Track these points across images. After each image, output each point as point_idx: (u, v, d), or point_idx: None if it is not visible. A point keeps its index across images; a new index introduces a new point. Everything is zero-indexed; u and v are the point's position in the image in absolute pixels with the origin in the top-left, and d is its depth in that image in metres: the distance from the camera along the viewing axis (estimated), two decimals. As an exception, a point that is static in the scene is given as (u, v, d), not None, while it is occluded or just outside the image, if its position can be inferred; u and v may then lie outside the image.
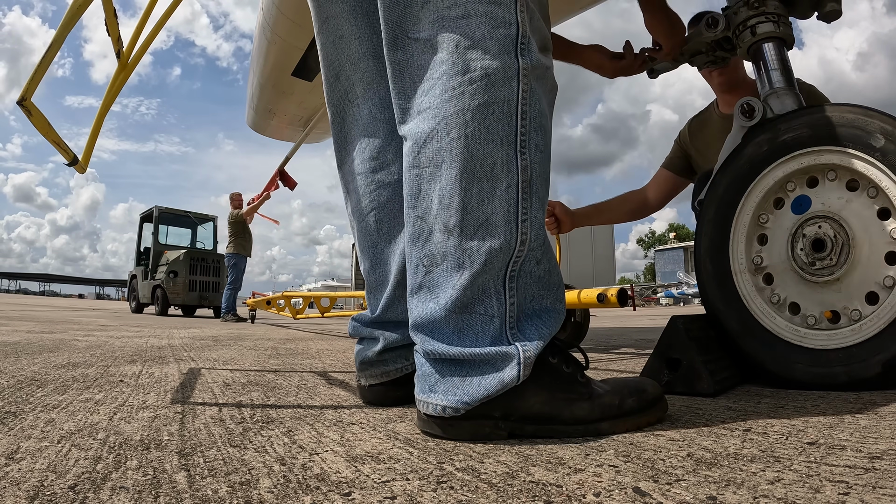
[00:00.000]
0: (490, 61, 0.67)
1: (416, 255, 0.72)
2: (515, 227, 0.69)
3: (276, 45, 2.79)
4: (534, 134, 0.70)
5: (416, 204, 0.72)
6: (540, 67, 0.71)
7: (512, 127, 0.68)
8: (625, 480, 0.52)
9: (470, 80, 0.67)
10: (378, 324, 0.95)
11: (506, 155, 0.68)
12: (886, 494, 0.46)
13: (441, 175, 0.69)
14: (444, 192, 0.68)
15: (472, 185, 0.68)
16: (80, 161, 1.14)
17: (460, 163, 0.68)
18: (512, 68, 0.68)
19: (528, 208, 0.70)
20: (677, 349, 1.05)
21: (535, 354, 0.68)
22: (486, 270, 0.68)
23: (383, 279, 0.94)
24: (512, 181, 0.68)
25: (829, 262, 1.06)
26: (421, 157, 0.70)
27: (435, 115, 0.69)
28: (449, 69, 0.68)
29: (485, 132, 0.67)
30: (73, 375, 1.26)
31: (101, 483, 0.52)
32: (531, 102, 0.70)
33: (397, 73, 0.74)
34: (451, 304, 0.69)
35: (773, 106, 1.18)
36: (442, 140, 0.68)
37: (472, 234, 0.68)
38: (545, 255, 0.73)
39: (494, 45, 0.67)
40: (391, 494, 0.49)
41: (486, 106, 0.67)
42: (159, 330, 3.62)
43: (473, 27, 0.68)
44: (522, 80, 0.68)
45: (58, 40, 0.99)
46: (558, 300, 0.75)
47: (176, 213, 9.56)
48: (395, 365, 0.94)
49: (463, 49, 0.67)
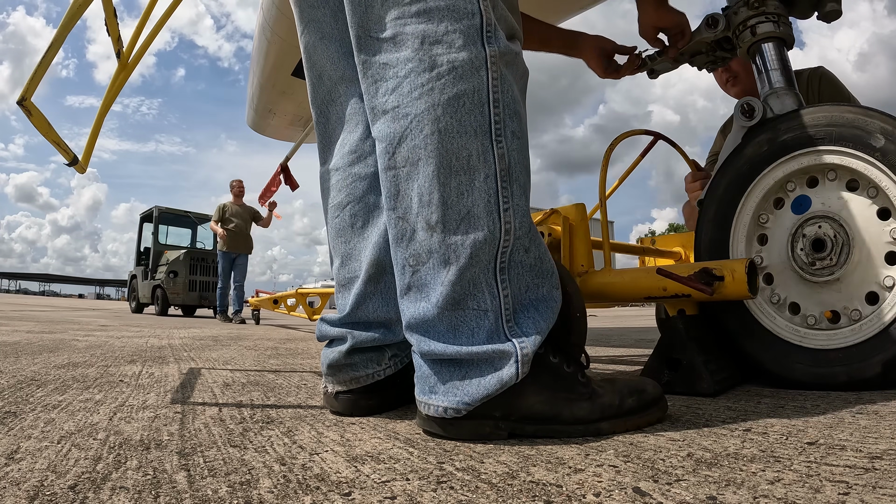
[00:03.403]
0: (456, 54, 0.66)
1: (402, 255, 0.72)
2: (498, 217, 0.68)
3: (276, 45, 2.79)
4: (508, 121, 0.69)
5: (395, 205, 0.71)
6: (509, 53, 0.70)
7: (485, 116, 0.67)
8: (625, 480, 0.52)
9: (438, 76, 0.66)
10: (347, 323, 0.87)
11: (481, 145, 0.67)
12: (886, 494, 0.46)
13: (418, 173, 0.68)
14: (423, 189, 0.68)
15: (449, 180, 0.67)
16: (80, 161, 1.14)
17: (436, 158, 0.67)
18: (479, 58, 0.67)
19: (509, 197, 0.69)
20: (677, 349, 1.05)
21: (533, 351, 0.68)
22: (474, 264, 0.68)
23: (354, 275, 0.88)
24: (490, 171, 0.68)
25: (829, 262, 1.06)
26: (396, 158, 0.69)
27: (405, 113, 0.68)
28: (415, 66, 0.67)
29: (458, 125, 0.66)
30: (73, 375, 1.26)
31: (101, 483, 0.52)
32: (503, 89, 0.68)
33: (364, 74, 0.73)
34: (442, 302, 0.68)
35: (773, 106, 1.18)
36: (416, 138, 0.67)
37: (455, 229, 0.67)
38: (533, 242, 0.72)
39: (459, 37, 0.66)
40: (391, 494, 0.49)
41: (457, 98, 0.66)
42: (159, 330, 3.62)
43: (436, 21, 0.67)
44: (491, 69, 0.67)
45: (58, 40, 0.99)
46: (553, 287, 0.74)
47: (176, 213, 9.56)
48: (366, 370, 0.85)
49: (428, 45, 0.67)
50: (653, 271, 1.08)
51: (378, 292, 0.86)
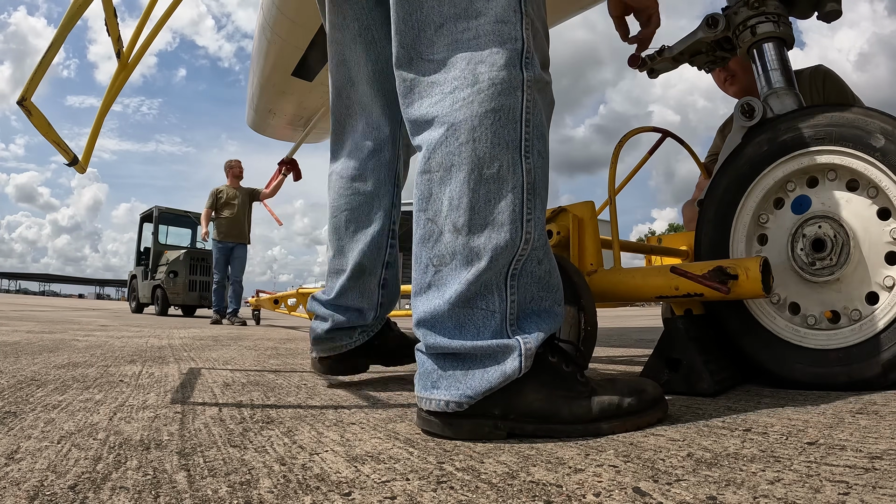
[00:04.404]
0: (497, 72, 0.71)
1: (426, 255, 0.75)
2: (521, 226, 0.71)
3: (276, 46, 2.79)
4: (536, 141, 0.74)
5: (426, 207, 0.75)
6: (541, 81, 0.75)
7: (517, 133, 0.72)
8: (625, 480, 0.52)
9: (479, 90, 0.71)
10: (331, 306, 1.14)
11: (512, 158, 0.71)
12: (886, 494, 0.46)
13: (451, 178, 0.72)
14: (454, 194, 0.72)
15: (479, 187, 0.71)
16: (80, 161, 1.14)
17: (468, 165, 0.71)
18: (517, 79, 0.72)
19: (532, 209, 0.73)
20: (677, 349, 1.05)
21: (536, 346, 0.70)
22: (492, 267, 0.71)
23: (341, 268, 1.13)
24: (517, 183, 0.72)
25: (829, 262, 1.06)
26: (431, 163, 0.73)
27: (445, 122, 0.72)
28: (460, 83, 0.72)
29: (492, 136, 0.71)
30: (73, 375, 1.26)
31: (101, 483, 0.52)
32: (534, 112, 0.74)
33: (410, 89, 0.78)
34: (454, 298, 0.71)
35: (773, 106, 1.19)
36: (451, 145, 0.72)
37: (480, 232, 0.71)
38: (546, 255, 0.76)
39: (501, 58, 0.72)
40: (391, 494, 0.49)
41: (494, 112, 0.71)
42: (159, 330, 3.62)
43: (483, 45, 0.72)
44: (527, 91, 0.73)
45: (58, 40, 0.99)
46: (556, 303, 0.77)
47: (176, 212, 9.55)
48: (341, 342, 1.15)
49: (474, 64, 0.72)
50: (665, 270, 1.08)
51: (357, 287, 1.13)
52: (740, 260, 0.99)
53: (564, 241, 1.32)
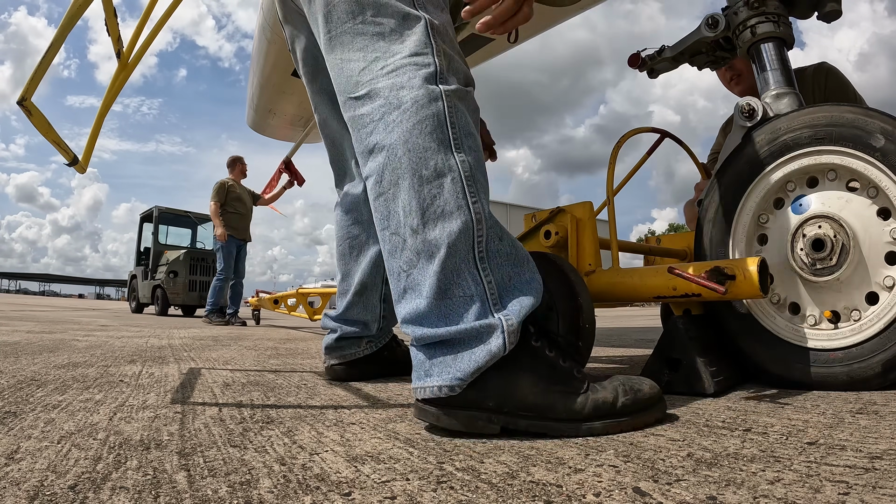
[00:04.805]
0: (416, 91, 0.79)
1: (397, 265, 0.79)
2: (468, 209, 0.76)
3: (276, 46, 2.79)
4: (464, 138, 0.79)
5: (388, 224, 0.80)
6: (460, 91, 0.82)
7: (445, 134, 0.78)
8: (625, 480, 0.52)
9: (404, 110, 0.79)
10: (340, 319, 1.30)
11: (444, 156, 0.77)
12: (886, 494, 0.46)
13: (400, 190, 0.78)
14: (405, 202, 0.77)
15: (423, 188, 0.77)
16: (80, 161, 1.14)
17: (409, 173, 0.77)
18: (435, 92, 0.79)
19: (475, 193, 0.77)
20: (677, 349, 1.05)
21: (519, 322, 0.73)
22: (453, 254, 0.74)
23: (348, 289, 1.29)
24: (455, 174, 0.77)
25: (829, 262, 1.06)
26: (382, 184, 0.80)
27: (383, 145, 0.79)
28: (387, 108, 0.80)
29: (423, 143, 0.77)
30: (73, 375, 1.26)
31: (101, 483, 0.52)
32: (458, 115, 0.80)
33: (352, 128, 0.86)
34: (430, 293, 0.75)
35: (773, 106, 1.19)
36: (393, 162, 0.78)
37: (434, 226, 0.76)
38: (504, 231, 0.80)
39: (418, 80, 0.79)
40: (391, 494, 0.49)
41: (420, 123, 0.78)
42: (159, 330, 3.62)
43: (401, 74, 0.80)
44: (446, 100, 0.79)
45: (58, 40, 0.99)
46: (533, 271, 0.80)
47: (176, 212, 9.55)
48: (350, 350, 1.29)
49: (395, 90, 0.80)
50: (662, 270, 1.08)
51: (360, 302, 1.29)
52: (738, 260, 0.99)
53: (563, 241, 1.32)
